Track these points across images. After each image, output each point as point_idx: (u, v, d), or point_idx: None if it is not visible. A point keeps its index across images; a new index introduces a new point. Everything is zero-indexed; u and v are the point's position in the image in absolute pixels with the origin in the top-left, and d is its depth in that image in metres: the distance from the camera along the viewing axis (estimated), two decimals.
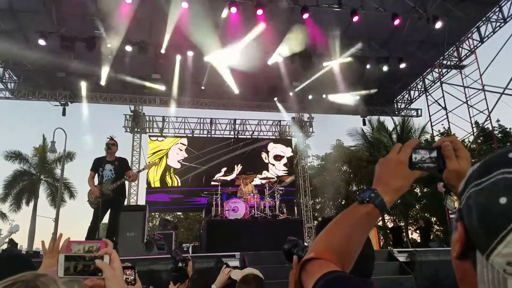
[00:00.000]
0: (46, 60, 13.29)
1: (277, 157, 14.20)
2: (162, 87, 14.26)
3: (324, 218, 1.56)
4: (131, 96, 15.55)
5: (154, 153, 13.75)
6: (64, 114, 15.14)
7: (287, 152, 13.96)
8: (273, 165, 14.00)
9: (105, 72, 13.29)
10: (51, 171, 24.43)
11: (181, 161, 13.31)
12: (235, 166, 13.75)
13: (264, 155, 14.14)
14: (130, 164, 15.84)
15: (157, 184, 12.83)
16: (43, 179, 24.28)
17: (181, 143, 13.09)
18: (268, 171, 14.38)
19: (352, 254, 0.91)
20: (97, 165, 6.79)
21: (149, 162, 6.79)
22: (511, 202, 0.49)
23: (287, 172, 14.41)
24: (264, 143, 14.04)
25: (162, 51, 12.12)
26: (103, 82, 13.62)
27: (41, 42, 11.55)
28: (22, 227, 23.46)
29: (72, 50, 11.99)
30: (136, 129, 16.62)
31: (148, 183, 13.35)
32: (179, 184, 13.03)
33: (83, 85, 14.12)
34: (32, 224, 22.42)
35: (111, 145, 6.87)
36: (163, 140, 13.46)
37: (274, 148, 14.28)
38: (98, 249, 1.28)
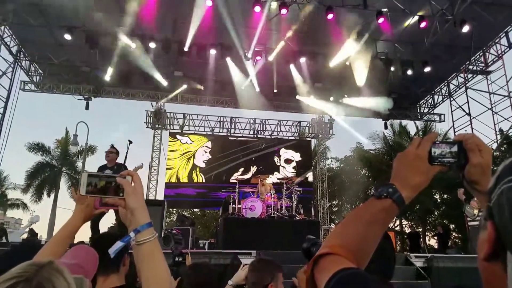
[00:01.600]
0: (71, 55, 13.62)
1: (288, 161, 15.59)
2: (184, 85, 14.36)
3: None
4: (153, 93, 15.71)
5: (183, 153, 15.21)
6: (87, 108, 15.40)
7: (296, 156, 15.46)
8: (284, 167, 15.51)
9: (128, 68, 13.48)
10: (72, 164, 24.85)
11: (205, 161, 14.91)
12: (251, 167, 15.26)
13: (276, 158, 15.55)
14: (150, 160, 16.25)
15: (185, 180, 14.47)
16: (65, 171, 24.73)
17: (206, 146, 14.77)
18: (279, 172, 15.85)
19: (368, 250, 0.87)
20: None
21: (135, 167, 7.09)
22: None
23: (295, 173, 15.74)
24: (277, 148, 15.57)
25: (185, 48, 12.19)
26: (126, 78, 13.81)
27: (67, 37, 11.81)
28: (42, 218, 24.04)
29: (96, 46, 12.19)
30: (157, 125, 16.81)
31: (178, 178, 14.91)
32: (204, 181, 14.74)
33: (107, 80, 14.31)
34: (52, 215, 22.87)
35: (109, 152, 7.47)
36: (192, 143, 14.92)
37: (285, 153, 15.67)
38: None
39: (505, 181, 0.51)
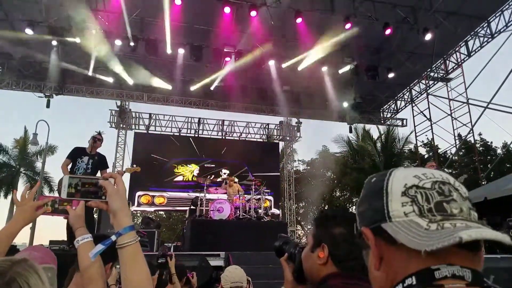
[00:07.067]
0: (33, 50, 13.04)
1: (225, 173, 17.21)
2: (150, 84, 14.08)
3: (324, 212, 1.46)
4: (118, 91, 15.31)
5: (189, 170, 17.11)
6: (48, 106, 14.80)
7: (227, 172, 17.58)
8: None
9: (92, 65, 13.06)
10: (31, 164, 23.84)
11: (197, 173, 16.94)
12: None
13: (221, 173, 17.30)
14: (114, 160, 15.80)
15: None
16: (23, 171, 23.69)
17: (198, 167, 17.26)
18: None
19: None
20: (76, 155, 6.64)
21: (132, 166, 6.79)
22: (376, 182, 0.69)
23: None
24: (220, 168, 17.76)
25: (152, 46, 11.97)
26: (90, 73, 13.36)
27: (28, 31, 11.28)
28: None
29: (60, 41, 11.74)
30: (121, 125, 16.38)
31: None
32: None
33: (70, 77, 13.80)
34: (10, 217, 21.82)
35: (98, 140, 6.79)
36: (191, 167, 17.17)
37: (224, 170, 17.32)
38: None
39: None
